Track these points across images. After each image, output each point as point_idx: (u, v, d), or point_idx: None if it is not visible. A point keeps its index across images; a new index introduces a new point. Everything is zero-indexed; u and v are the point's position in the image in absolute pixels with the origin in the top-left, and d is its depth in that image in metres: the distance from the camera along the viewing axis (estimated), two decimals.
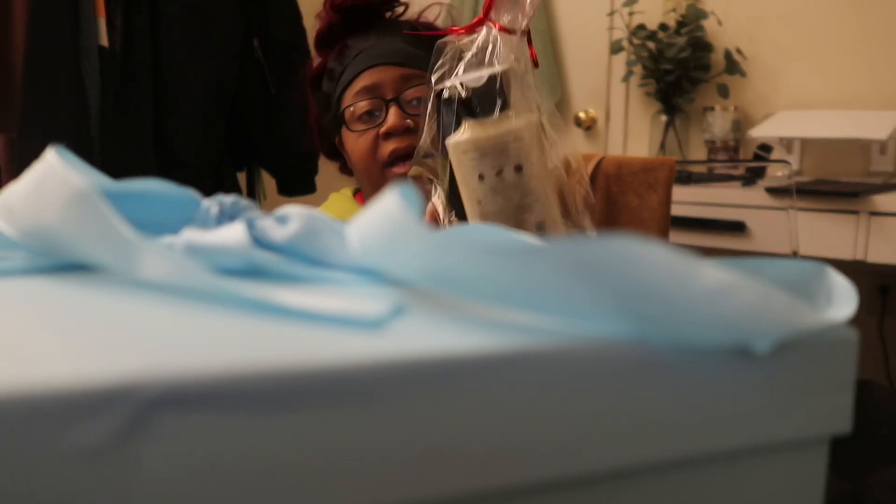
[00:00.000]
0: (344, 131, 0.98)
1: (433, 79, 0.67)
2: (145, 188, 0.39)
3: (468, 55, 0.65)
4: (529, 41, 0.66)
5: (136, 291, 0.32)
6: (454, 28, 0.69)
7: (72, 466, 0.21)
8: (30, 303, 0.31)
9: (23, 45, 1.40)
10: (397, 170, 0.92)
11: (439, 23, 1.01)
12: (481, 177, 0.62)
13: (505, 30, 0.64)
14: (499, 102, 0.62)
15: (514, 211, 0.62)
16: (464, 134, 0.63)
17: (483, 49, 0.65)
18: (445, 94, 0.65)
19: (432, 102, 0.68)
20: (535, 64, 0.66)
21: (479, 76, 0.63)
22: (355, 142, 0.96)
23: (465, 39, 0.66)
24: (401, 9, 1.00)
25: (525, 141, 0.61)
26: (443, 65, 0.67)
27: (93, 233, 0.32)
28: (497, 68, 0.63)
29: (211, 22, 1.59)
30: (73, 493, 0.21)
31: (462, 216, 0.66)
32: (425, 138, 0.70)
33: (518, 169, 0.61)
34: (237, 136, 1.75)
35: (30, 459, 0.20)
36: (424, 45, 0.98)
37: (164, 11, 1.53)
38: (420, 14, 1.01)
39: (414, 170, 0.72)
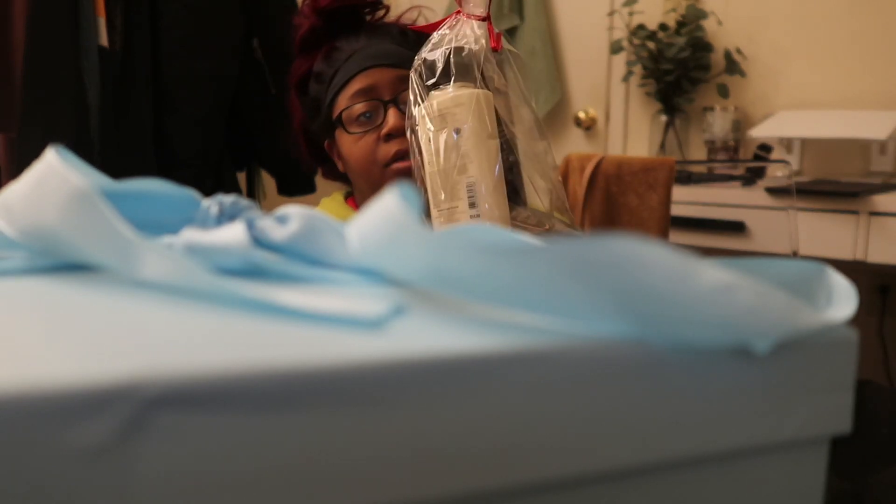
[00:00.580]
0: (339, 134, 0.97)
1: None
2: (145, 188, 0.39)
3: (435, 37, 0.74)
4: (490, 28, 0.74)
5: (136, 291, 0.32)
6: (438, 21, 0.76)
7: (72, 466, 0.21)
8: (30, 303, 0.31)
9: (23, 45, 1.40)
10: (398, 165, 0.92)
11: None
12: (430, 140, 0.71)
13: (471, 16, 0.73)
14: (438, 70, 0.71)
15: (452, 171, 0.69)
16: (425, 102, 0.73)
17: (449, 32, 0.74)
18: (412, 70, 0.75)
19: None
20: (494, 49, 0.74)
21: (434, 52, 0.73)
22: (353, 144, 0.95)
23: (444, 28, 0.75)
24: (382, 11, 0.99)
25: (464, 107, 0.70)
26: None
27: (93, 233, 0.32)
28: (448, 47, 0.72)
29: (211, 22, 1.59)
30: (73, 493, 0.21)
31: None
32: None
33: (457, 132, 0.69)
34: (237, 136, 1.75)
35: (30, 459, 0.20)
36: (413, 46, 0.98)
37: (164, 11, 1.53)
38: (399, 17, 1.01)
39: None
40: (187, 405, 0.22)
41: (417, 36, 0.99)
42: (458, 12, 0.73)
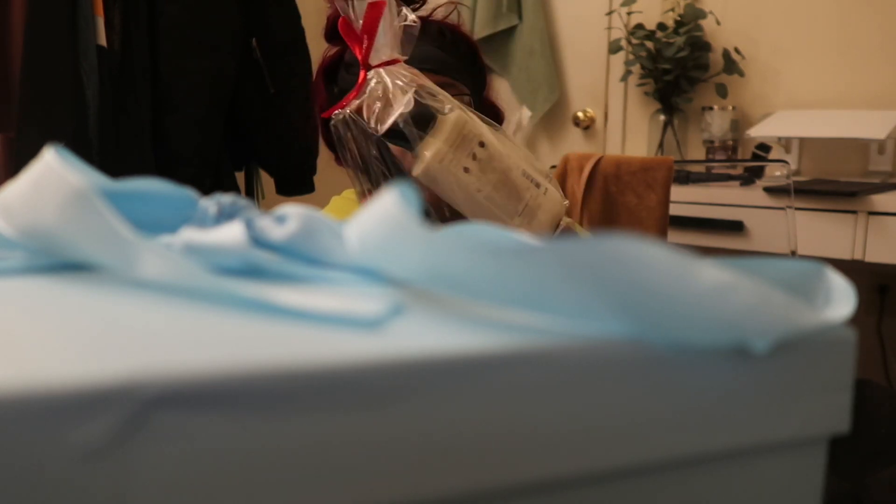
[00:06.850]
0: None
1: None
2: (143, 187, 0.39)
3: (378, 104, 0.69)
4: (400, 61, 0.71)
5: (136, 291, 0.32)
6: (354, 91, 0.71)
7: (71, 466, 0.21)
8: (29, 303, 0.31)
9: (21, 45, 1.40)
10: None
11: (450, 20, 1.01)
12: (466, 169, 0.68)
13: (386, 63, 0.70)
14: (411, 133, 0.68)
15: (503, 175, 0.69)
16: (426, 153, 0.67)
17: (383, 90, 0.69)
18: (383, 129, 0.69)
19: (374, 150, 0.72)
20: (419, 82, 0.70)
21: (404, 102, 0.68)
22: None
23: (370, 88, 0.70)
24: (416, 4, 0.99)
25: (469, 119, 0.68)
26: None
27: (91, 232, 0.32)
28: (410, 93, 0.68)
29: (209, 21, 1.59)
30: (73, 493, 0.21)
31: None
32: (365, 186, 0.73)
33: (482, 144, 0.68)
34: (236, 136, 1.75)
35: (29, 459, 0.20)
36: (451, 47, 0.98)
37: (163, 11, 1.53)
38: (431, 13, 1.00)
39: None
40: (187, 405, 0.22)
41: (454, 35, 0.99)
42: (374, 67, 0.70)
